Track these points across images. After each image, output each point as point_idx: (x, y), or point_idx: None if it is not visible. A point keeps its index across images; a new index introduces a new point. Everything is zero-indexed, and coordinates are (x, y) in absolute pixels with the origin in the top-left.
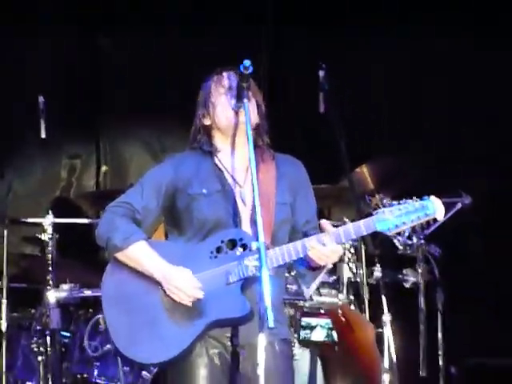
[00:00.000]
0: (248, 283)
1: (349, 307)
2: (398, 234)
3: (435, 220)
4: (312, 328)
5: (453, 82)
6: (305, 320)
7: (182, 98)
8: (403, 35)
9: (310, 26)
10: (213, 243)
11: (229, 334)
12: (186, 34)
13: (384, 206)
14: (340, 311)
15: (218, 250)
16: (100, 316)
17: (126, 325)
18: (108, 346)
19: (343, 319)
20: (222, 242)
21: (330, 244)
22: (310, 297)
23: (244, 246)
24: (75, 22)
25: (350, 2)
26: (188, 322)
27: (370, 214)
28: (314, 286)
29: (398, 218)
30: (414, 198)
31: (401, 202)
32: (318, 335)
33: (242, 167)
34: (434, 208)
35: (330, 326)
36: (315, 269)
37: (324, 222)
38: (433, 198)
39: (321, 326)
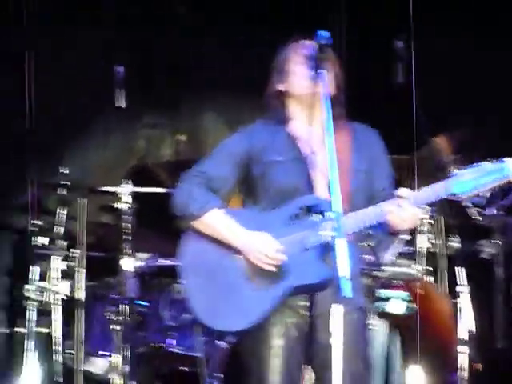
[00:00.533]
0: (326, 250)
1: (426, 280)
2: (478, 199)
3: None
4: (389, 299)
5: None
6: (383, 291)
7: (258, 67)
8: None
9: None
10: (290, 210)
11: (304, 303)
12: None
13: (461, 169)
14: (418, 283)
15: (296, 216)
16: (177, 284)
17: (204, 293)
18: (185, 315)
19: (421, 291)
20: (300, 208)
21: (408, 207)
22: (388, 264)
23: (321, 213)
24: None
25: None
26: (267, 288)
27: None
28: (390, 252)
29: (475, 179)
30: (491, 159)
31: (477, 164)
32: (396, 307)
33: (317, 135)
34: (511, 170)
35: (408, 298)
36: (393, 234)
37: (402, 189)
38: (509, 159)
39: (399, 297)
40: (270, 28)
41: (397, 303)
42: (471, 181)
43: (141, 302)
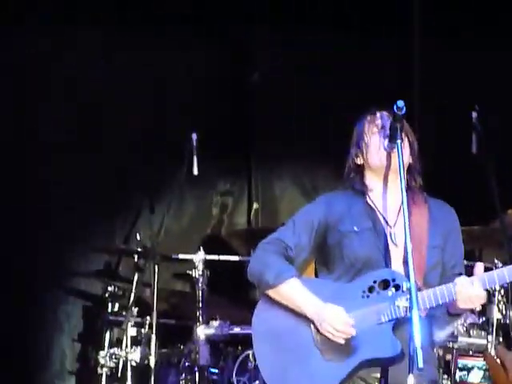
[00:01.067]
0: (399, 324)
1: (503, 348)
2: None
3: None
4: (469, 369)
5: None
6: (461, 361)
7: (334, 136)
8: None
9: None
10: (365, 282)
11: (376, 375)
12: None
13: None
14: (494, 353)
15: (370, 289)
16: (249, 352)
17: (276, 362)
18: (256, 382)
19: (498, 361)
20: (375, 281)
21: (477, 288)
22: (452, 338)
23: (396, 287)
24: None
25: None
26: (339, 360)
27: None
28: (446, 330)
29: None
30: None
31: None
32: (475, 377)
33: (393, 208)
34: None
35: (486, 367)
36: (452, 315)
37: (478, 265)
38: None
39: (478, 367)
40: (346, 96)
41: (475, 373)
42: None
43: (213, 370)
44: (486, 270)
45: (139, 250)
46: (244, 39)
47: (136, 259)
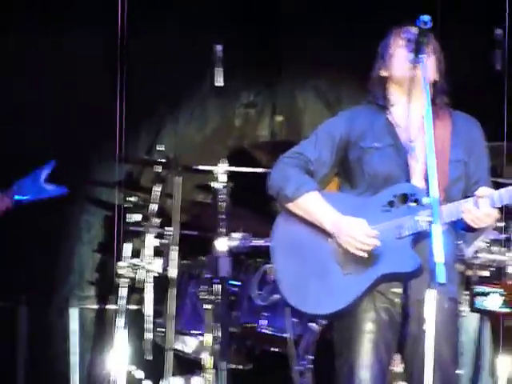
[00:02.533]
0: (419, 238)
1: None
2: None
3: None
4: (487, 294)
5: None
6: (480, 287)
7: (359, 48)
8: None
9: None
10: (385, 197)
11: (395, 290)
12: None
13: None
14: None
15: (391, 203)
16: (269, 265)
17: (295, 275)
18: (276, 295)
19: None
20: (395, 196)
21: (484, 207)
22: (473, 256)
23: (416, 201)
24: None
25: None
26: (358, 274)
27: None
28: (473, 246)
29: None
30: None
31: None
32: (494, 302)
33: (416, 122)
34: None
35: (504, 293)
36: (473, 230)
37: (482, 189)
38: None
39: (497, 293)
40: (372, 13)
41: (495, 298)
42: None
43: (233, 282)
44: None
45: (161, 160)
46: None
47: (159, 170)
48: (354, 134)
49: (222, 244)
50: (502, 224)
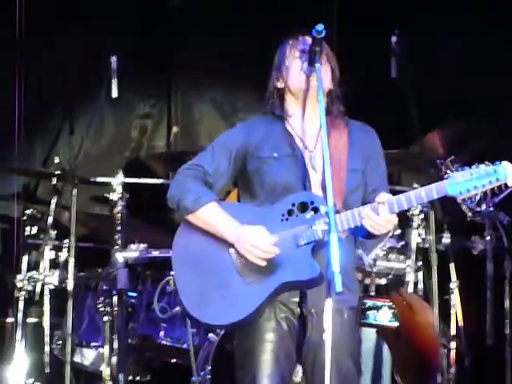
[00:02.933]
0: (318, 247)
1: (408, 291)
2: (469, 199)
3: (507, 186)
4: (378, 308)
5: None
6: (369, 301)
7: (256, 60)
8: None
9: None
10: (284, 206)
11: (296, 299)
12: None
13: (455, 171)
14: (400, 294)
15: (289, 212)
16: (169, 277)
17: (195, 286)
18: (177, 308)
19: (404, 302)
20: (293, 204)
21: (383, 213)
22: (372, 264)
23: (315, 210)
24: None
25: None
26: (258, 283)
27: (441, 179)
28: (373, 253)
29: (470, 181)
30: (486, 162)
31: (472, 166)
32: (384, 316)
33: (313, 132)
34: (506, 173)
35: (393, 306)
36: (373, 237)
37: (382, 195)
38: (505, 163)
39: (387, 306)
40: (267, 21)
41: (384, 312)
42: (466, 182)
43: (131, 294)
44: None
45: (58, 172)
46: None
47: (54, 182)
48: (252, 144)
49: (118, 255)
50: (399, 232)
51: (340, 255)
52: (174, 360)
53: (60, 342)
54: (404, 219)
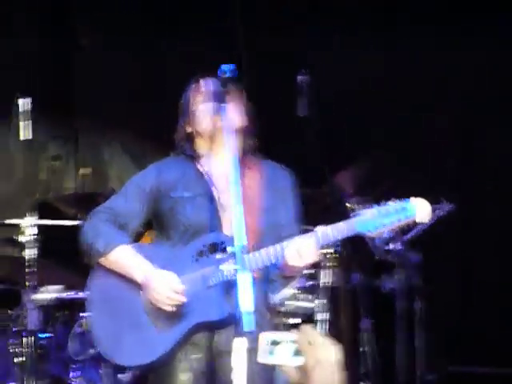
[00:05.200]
0: (229, 286)
1: (308, 327)
2: (378, 237)
3: (415, 222)
4: (277, 343)
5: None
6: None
7: (163, 100)
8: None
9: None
10: (195, 247)
11: (208, 340)
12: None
13: (364, 208)
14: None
15: (200, 253)
16: (82, 319)
17: (108, 328)
18: (91, 349)
19: (307, 339)
20: (204, 245)
21: (307, 244)
22: (280, 303)
23: (225, 250)
24: (49, 22)
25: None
26: (169, 326)
27: (349, 217)
28: (281, 293)
29: (378, 219)
30: (395, 199)
31: (381, 204)
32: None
33: (223, 172)
34: (414, 210)
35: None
36: (287, 277)
37: (319, 227)
38: (413, 199)
39: (289, 341)
40: (173, 62)
41: (287, 347)
42: (375, 220)
43: (42, 335)
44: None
45: None
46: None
47: None
48: (165, 184)
49: (29, 296)
50: (312, 271)
51: (253, 294)
52: None
53: None
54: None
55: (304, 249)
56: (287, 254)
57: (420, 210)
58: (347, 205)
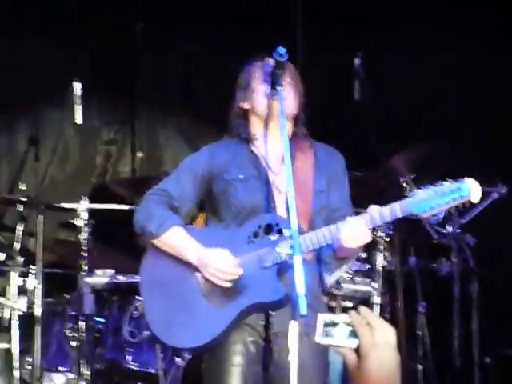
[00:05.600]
0: (284, 268)
1: (366, 308)
2: (433, 217)
3: (471, 203)
4: (335, 325)
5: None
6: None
7: (218, 86)
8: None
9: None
10: (250, 228)
11: (263, 322)
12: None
13: (418, 189)
14: (360, 313)
15: (255, 234)
16: (137, 302)
17: (163, 310)
18: (146, 332)
19: (364, 321)
20: (259, 226)
21: (361, 225)
22: (336, 285)
23: (280, 231)
24: (112, 8)
25: None
26: (224, 306)
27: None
28: (336, 275)
29: (433, 199)
30: (450, 180)
31: (436, 184)
32: (342, 333)
33: (277, 154)
34: (469, 190)
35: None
36: (341, 258)
37: (372, 207)
38: (467, 180)
39: (344, 323)
40: (231, 44)
41: (342, 329)
42: (430, 200)
43: (98, 319)
44: None
45: (23, 199)
46: None
47: (20, 209)
48: (217, 167)
49: (84, 281)
50: (365, 255)
51: (305, 277)
52: None
53: (29, 368)
54: (370, 242)
55: (358, 229)
56: (342, 234)
57: (474, 190)
58: (403, 185)
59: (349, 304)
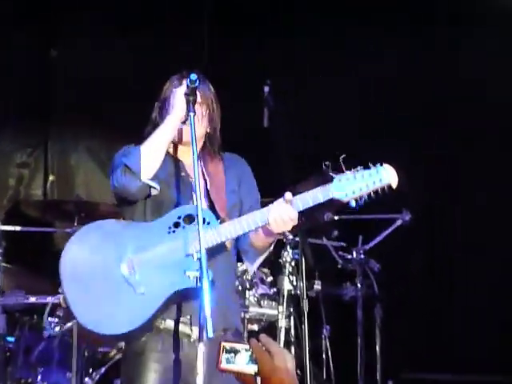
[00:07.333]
0: (209, 254)
1: (266, 336)
2: (356, 203)
3: (390, 187)
4: (236, 352)
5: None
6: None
7: (129, 109)
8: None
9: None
10: (170, 219)
11: (185, 330)
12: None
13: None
14: (259, 340)
15: (176, 225)
16: (60, 296)
17: (88, 300)
18: (68, 324)
19: (263, 348)
20: (179, 217)
21: (290, 210)
22: (252, 305)
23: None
24: (24, 33)
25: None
26: (151, 293)
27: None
28: (257, 263)
29: (354, 182)
30: (370, 164)
31: (356, 169)
32: (242, 359)
33: (190, 162)
34: (389, 175)
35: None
36: (259, 247)
37: (287, 193)
38: (386, 165)
39: (245, 349)
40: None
41: (242, 356)
42: (351, 184)
43: (9, 339)
44: None
45: None
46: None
47: None
48: None
49: None
50: (271, 278)
51: (223, 271)
52: None
53: None
54: (276, 266)
55: (284, 214)
56: (270, 219)
57: (391, 173)
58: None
59: (255, 327)
